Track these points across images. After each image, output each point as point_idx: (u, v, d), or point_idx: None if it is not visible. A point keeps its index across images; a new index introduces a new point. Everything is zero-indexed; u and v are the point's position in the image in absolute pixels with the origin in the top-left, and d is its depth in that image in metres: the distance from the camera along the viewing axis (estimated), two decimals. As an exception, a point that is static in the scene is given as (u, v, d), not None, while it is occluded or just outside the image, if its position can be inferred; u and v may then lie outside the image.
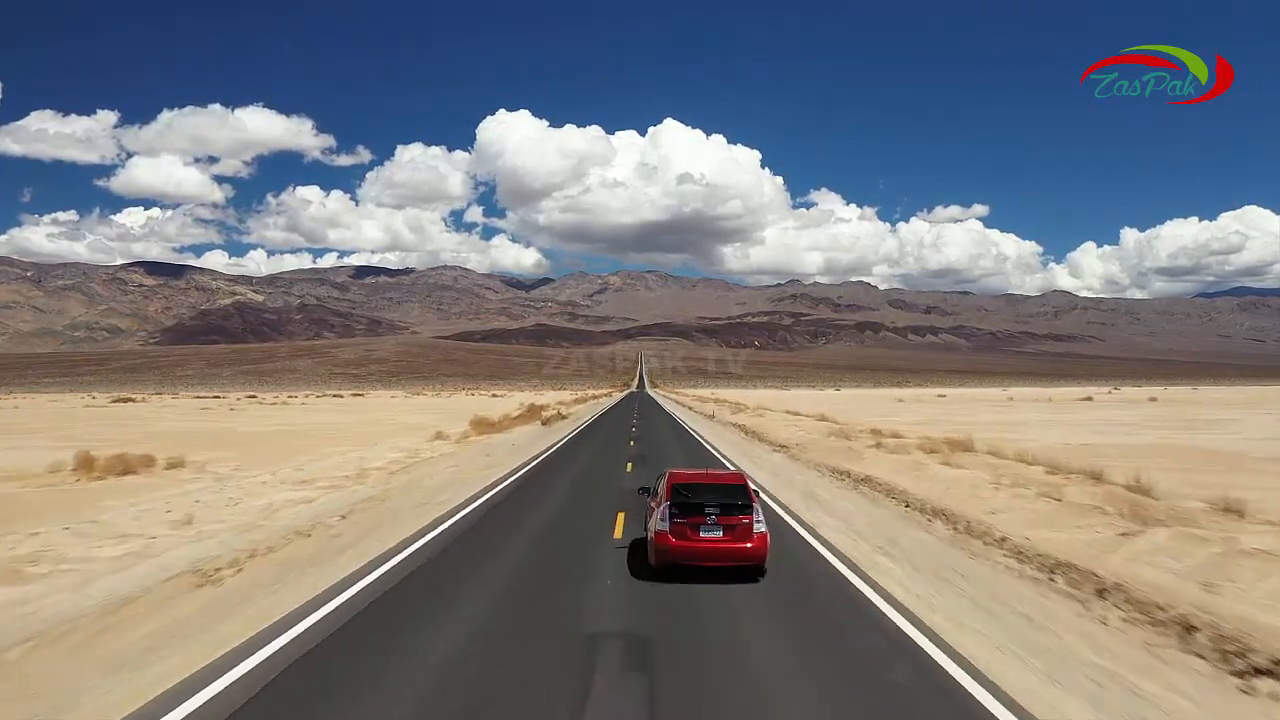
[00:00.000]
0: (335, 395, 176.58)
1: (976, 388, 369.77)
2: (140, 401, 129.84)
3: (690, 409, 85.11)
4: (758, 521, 11.77)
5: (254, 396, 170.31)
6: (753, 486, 12.93)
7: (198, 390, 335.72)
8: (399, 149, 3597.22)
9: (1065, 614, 10.17)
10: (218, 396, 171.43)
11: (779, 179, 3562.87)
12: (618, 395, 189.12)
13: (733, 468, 26.96)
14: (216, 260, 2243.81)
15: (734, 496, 12.09)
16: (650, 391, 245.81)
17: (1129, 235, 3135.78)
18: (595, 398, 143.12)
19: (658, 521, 11.93)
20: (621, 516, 16.51)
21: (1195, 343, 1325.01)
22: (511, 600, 11.07)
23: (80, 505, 17.77)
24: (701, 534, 11.59)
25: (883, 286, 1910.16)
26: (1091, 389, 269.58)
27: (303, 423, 59.23)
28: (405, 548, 14.04)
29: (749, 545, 11.60)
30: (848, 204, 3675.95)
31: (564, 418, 59.30)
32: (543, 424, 51.64)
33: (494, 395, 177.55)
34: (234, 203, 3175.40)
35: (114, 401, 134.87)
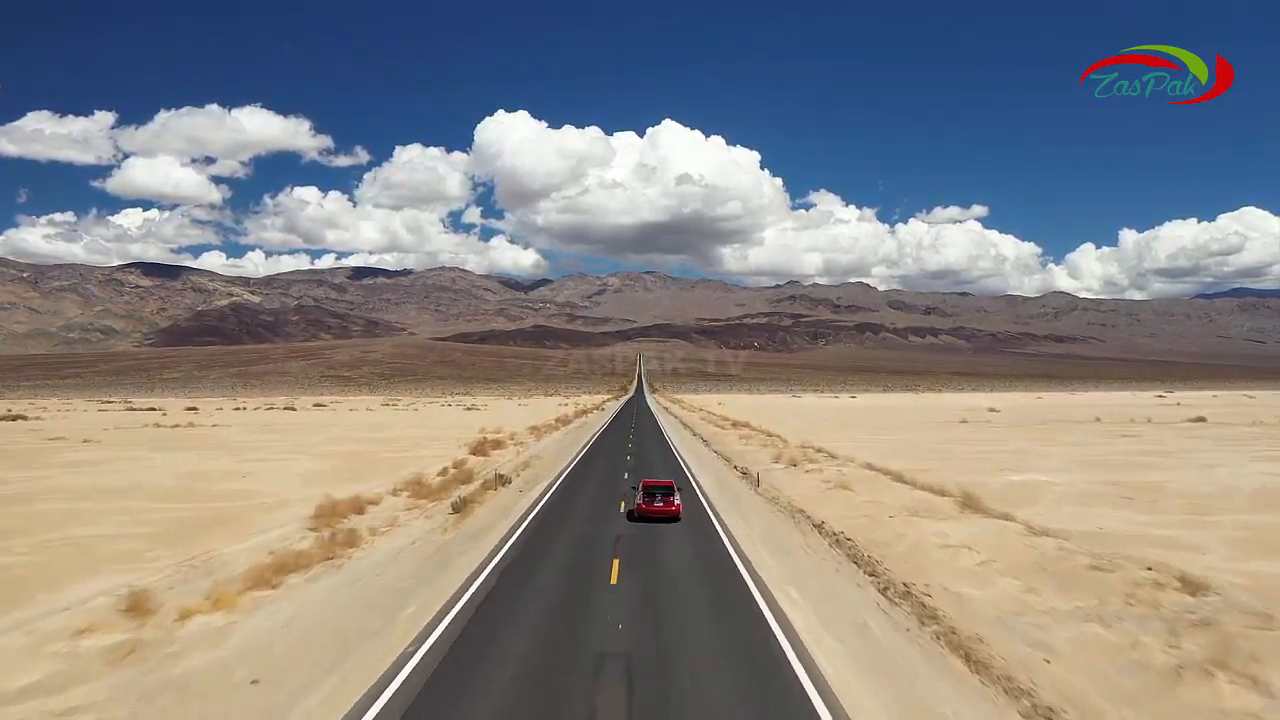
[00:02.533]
0: (287, 408, 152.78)
1: (997, 392, 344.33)
2: (16, 419, 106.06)
3: (706, 442, 61.29)
4: (678, 499, 26.55)
5: (193, 409, 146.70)
6: (677, 484, 28.72)
7: (177, 394, 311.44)
8: (397, 149, 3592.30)
9: None
10: (152, 409, 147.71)
11: (778, 180, 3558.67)
12: (612, 407, 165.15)
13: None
14: (214, 261, 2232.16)
15: (669, 489, 26.99)
16: (650, 400, 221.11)
17: (1128, 236, 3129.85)
18: (584, 413, 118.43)
19: (636, 499, 26.78)
20: None
21: (1196, 344, 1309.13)
22: None
23: None
24: (654, 504, 25.85)
25: (882, 288, 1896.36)
26: (1142, 394, 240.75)
27: (116, 483, 35.90)
28: None
29: (673, 509, 25.82)
30: (847, 205, 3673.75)
31: (506, 483, 35.48)
32: (453, 511, 27.84)
33: (469, 408, 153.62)
34: (231, 204, 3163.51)
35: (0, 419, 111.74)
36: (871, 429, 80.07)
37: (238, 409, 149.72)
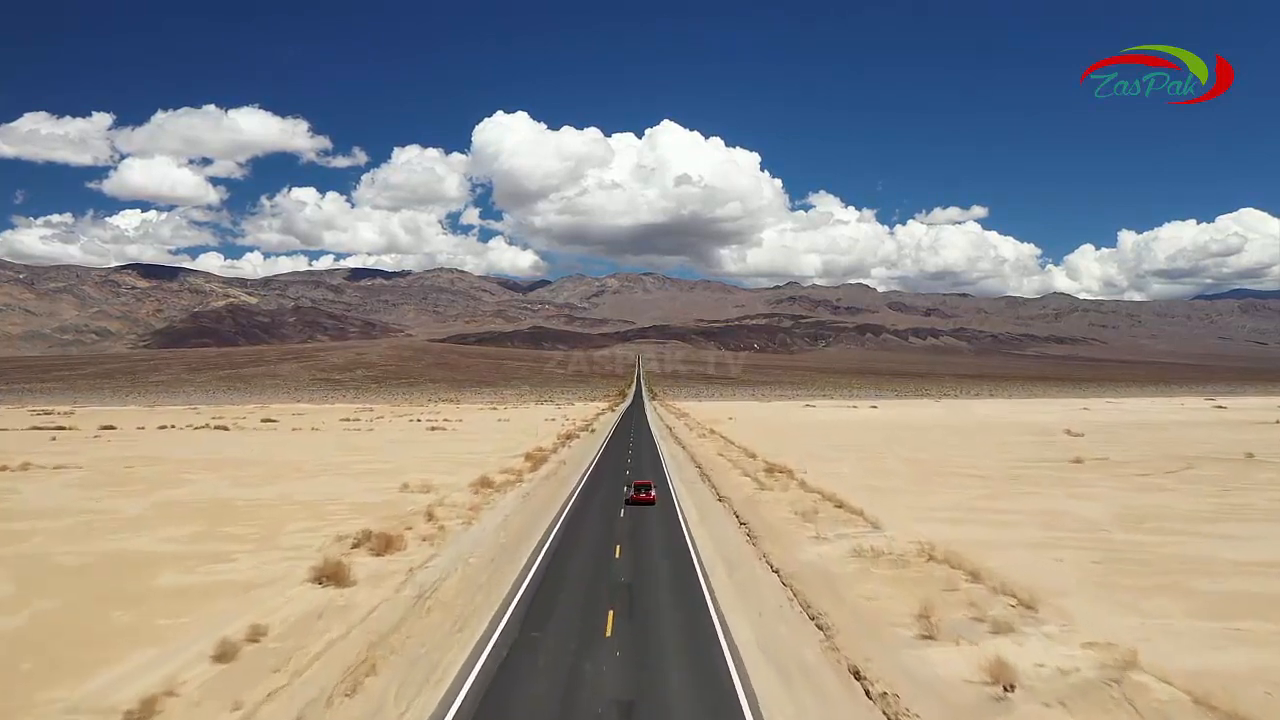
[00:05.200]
0: (220, 427, 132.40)
1: (1018, 399, 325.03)
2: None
3: (746, 530, 37.94)
4: (654, 492, 47.91)
5: (109, 428, 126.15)
6: (653, 481, 52.14)
7: (157, 400, 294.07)
8: (395, 150, 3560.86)
9: None
10: (60, 427, 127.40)
11: (778, 181, 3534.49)
12: (606, 424, 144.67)
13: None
14: (211, 263, 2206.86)
15: (648, 486, 48.52)
16: (650, 412, 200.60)
17: (1126, 237, 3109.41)
18: (568, 438, 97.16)
19: (629, 492, 48.23)
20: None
21: (1197, 345, 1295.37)
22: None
23: None
24: (639, 495, 46.93)
25: (881, 289, 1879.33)
26: (1189, 401, 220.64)
27: None
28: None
29: (651, 498, 46.79)
30: (846, 206, 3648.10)
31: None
32: None
33: (433, 427, 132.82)
34: (229, 205, 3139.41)
35: None
36: (976, 485, 52.65)
37: (163, 427, 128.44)
